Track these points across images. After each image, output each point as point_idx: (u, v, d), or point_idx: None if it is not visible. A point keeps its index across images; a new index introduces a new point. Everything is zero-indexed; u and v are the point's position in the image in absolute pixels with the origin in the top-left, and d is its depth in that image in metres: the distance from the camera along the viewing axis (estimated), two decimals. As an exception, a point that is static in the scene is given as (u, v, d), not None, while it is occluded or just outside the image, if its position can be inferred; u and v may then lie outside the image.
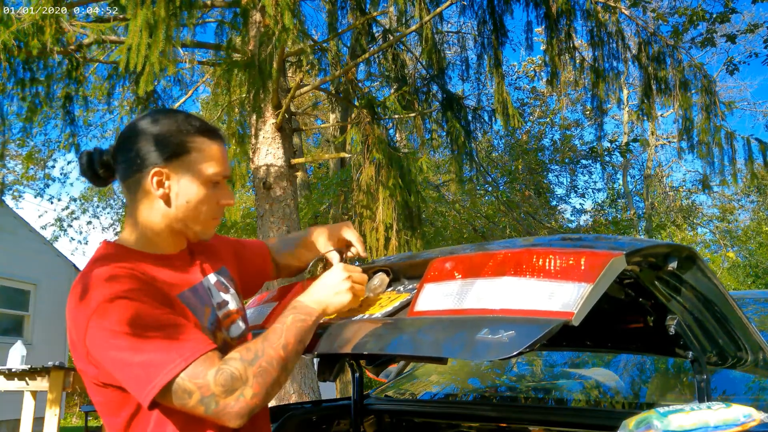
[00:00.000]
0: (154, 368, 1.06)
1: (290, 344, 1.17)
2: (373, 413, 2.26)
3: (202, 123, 1.28)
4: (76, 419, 15.31)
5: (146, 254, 1.25)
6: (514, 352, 0.97)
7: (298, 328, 1.20)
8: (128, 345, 1.07)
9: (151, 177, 1.21)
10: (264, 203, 5.99)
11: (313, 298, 1.27)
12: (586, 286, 1.03)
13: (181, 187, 1.23)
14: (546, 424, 1.88)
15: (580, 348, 1.80)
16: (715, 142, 7.20)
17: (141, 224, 1.25)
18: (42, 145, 10.83)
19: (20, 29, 4.67)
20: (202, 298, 1.27)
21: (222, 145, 1.28)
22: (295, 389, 5.67)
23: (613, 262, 1.07)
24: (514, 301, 1.08)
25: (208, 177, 1.24)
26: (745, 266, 20.39)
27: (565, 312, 1.01)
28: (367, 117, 6.39)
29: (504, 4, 7.11)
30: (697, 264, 1.27)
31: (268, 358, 1.13)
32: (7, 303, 10.08)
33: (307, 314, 1.23)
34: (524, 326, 1.01)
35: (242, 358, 1.12)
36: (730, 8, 7.07)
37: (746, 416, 1.09)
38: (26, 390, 4.98)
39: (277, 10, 4.40)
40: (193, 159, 1.23)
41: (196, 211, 1.25)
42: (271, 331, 1.19)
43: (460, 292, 1.17)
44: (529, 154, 13.30)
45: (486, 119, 7.97)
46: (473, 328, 1.06)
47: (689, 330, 1.41)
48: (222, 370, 1.09)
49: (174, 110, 1.30)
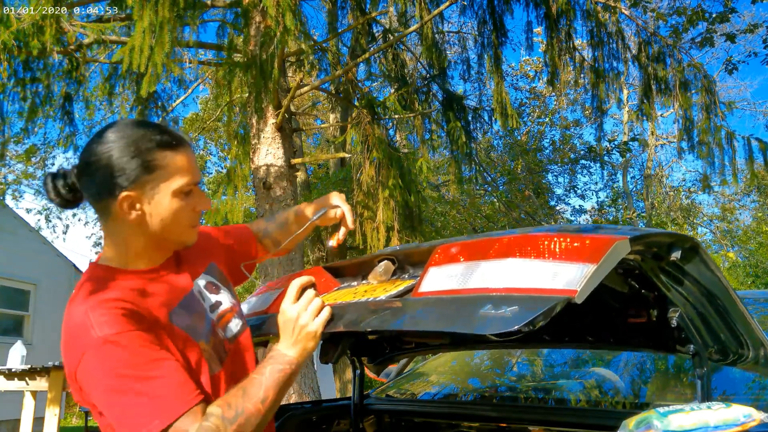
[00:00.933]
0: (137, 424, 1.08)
1: (269, 398, 1.17)
2: (373, 413, 2.26)
3: (163, 136, 1.22)
4: (76, 419, 15.32)
5: (133, 272, 1.23)
6: (515, 327, 0.98)
7: (275, 380, 1.19)
8: (112, 398, 1.09)
9: (120, 203, 1.18)
10: (264, 203, 5.99)
11: (285, 344, 1.24)
12: (590, 266, 1.04)
13: (153, 206, 1.20)
14: (546, 424, 1.88)
15: (582, 344, 1.80)
16: (715, 142, 7.21)
17: (121, 244, 1.24)
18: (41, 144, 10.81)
19: (20, 29, 4.67)
20: (194, 310, 1.26)
21: (187, 153, 1.24)
22: (295, 389, 5.67)
23: (617, 245, 1.08)
24: (517, 281, 1.08)
25: (178, 189, 1.21)
26: (745, 266, 20.38)
27: (568, 290, 1.02)
28: (367, 117, 6.39)
29: (504, 4, 7.11)
30: (700, 255, 1.27)
31: (248, 415, 1.13)
32: (7, 303, 10.08)
33: (284, 363, 1.21)
34: (527, 302, 1.02)
35: (223, 416, 1.11)
36: (730, 8, 7.07)
37: (746, 416, 1.09)
38: (26, 390, 4.98)
39: (279, 10, 4.41)
40: (160, 176, 1.20)
41: (173, 225, 1.23)
42: (250, 383, 1.18)
43: (464, 274, 1.17)
44: (528, 154, 13.30)
45: (486, 119, 7.97)
46: (476, 305, 1.07)
47: (691, 323, 1.41)
48: (203, 427, 1.09)
49: (134, 125, 1.24)
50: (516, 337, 1.56)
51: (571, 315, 1.67)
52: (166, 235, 1.24)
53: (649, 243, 1.23)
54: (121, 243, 1.24)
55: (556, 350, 2.62)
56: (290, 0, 4.42)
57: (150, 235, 1.23)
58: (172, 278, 1.28)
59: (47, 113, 6.07)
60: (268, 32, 4.76)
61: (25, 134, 6.23)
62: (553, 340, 1.80)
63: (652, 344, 1.58)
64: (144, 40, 4.19)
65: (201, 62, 7.82)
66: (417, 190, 6.73)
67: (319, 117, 13.78)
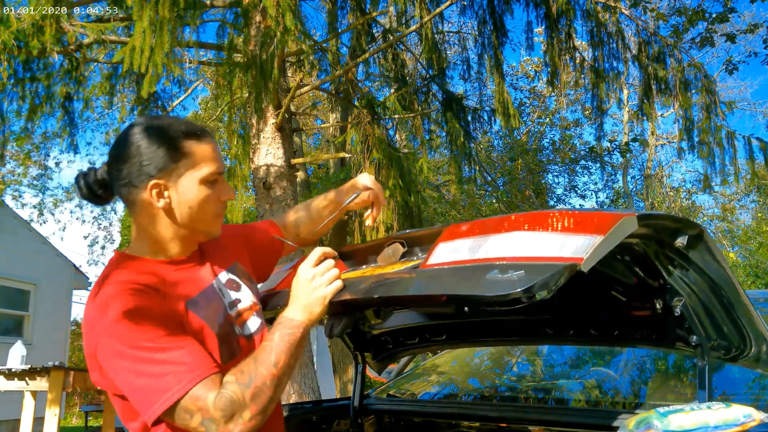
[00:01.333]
0: (155, 393, 1.10)
1: (281, 361, 1.18)
2: (373, 413, 2.26)
3: (188, 126, 1.28)
4: (76, 419, 15.31)
5: (157, 262, 1.27)
6: (519, 289, 0.99)
7: (286, 343, 1.20)
8: (132, 367, 1.12)
9: (150, 190, 1.23)
10: (264, 203, 5.99)
11: (294, 307, 1.26)
12: (597, 237, 1.06)
13: (180, 193, 1.24)
14: (546, 424, 1.88)
15: (585, 338, 1.79)
16: (716, 142, 7.20)
17: (149, 235, 1.28)
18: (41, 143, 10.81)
19: (20, 29, 4.67)
20: (212, 302, 1.29)
21: (212, 143, 1.29)
22: (295, 389, 5.67)
23: (625, 220, 1.10)
24: (525, 250, 1.10)
25: (205, 178, 1.26)
26: (745, 266, 20.38)
27: (575, 258, 1.04)
28: (367, 117, 6.39)
29: (504, 4, 7.11)
30: (706, 244, 1.27)
31: (262, 379, 1.15)
32: (7, 303, 10.07)
33: (293, 327, 1.23)
34: (534, 268, 1.04)
35: (238, 382, 1.14)
36: (730, 8, 7.07)
37: (746, 416, 1.09)
38: (26, 390, 4.97)
39: (279, 11, 4.40)
40: (187, 164, 1.24)
41: (200, 213, 1.27)
42: (261, 350, 1.20)
43: (472, 247, 1.19)
44: (528, 154, 13.30)
45: (486, 119, 7.97)
46: (483, 271, 1.09)
47: (694, 314, 1.41)
48: (221, 394, 1.11)
49: (159, 118, 1.31)
50: (521, 306, 1.57)
51: (575, 307, 1.67)
52: (193, 224, 1.28)
53: (656, 225, 1.23)
54: (149, 233, 1.28)
55: (556, 350, 2.61)
56: (290, 0, 4.41)
57: (178, 225, 1.27)
58: (195, 271, 1.32)
59: (47, 113, 6.07)
60: (268, 32, 4.76)
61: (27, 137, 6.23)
62: (556, 334, 1.80)
63: (655, 337, 1.57)
64: (144, 40, 4.18)
65: (201, 62, 7.81)
66: (417, 190, 6.72)
67: (319, 117, 13.77)
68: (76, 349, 16.29)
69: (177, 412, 1.11)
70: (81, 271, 12.27)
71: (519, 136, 13.89)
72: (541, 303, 1.71)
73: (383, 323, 2.01)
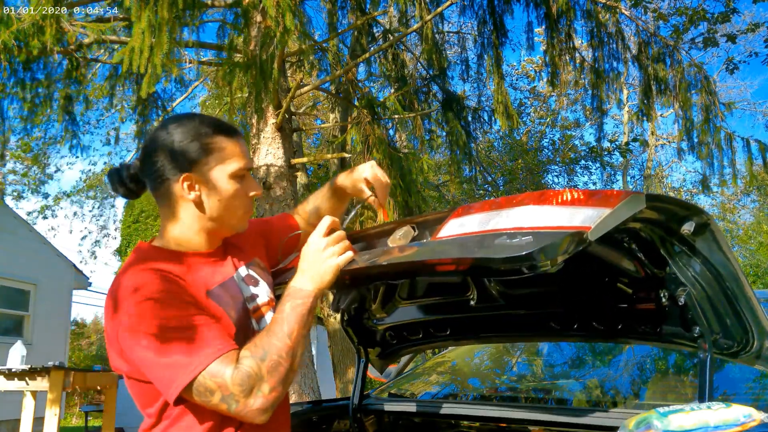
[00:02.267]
0: (177, 369, 1.13)
1: (294, 331, 1.20)
2: (373, 413, 2.26)
3: (217, 123, 1.33)
4: (76, 419, 15.32)
5: (181, 253, 1.31)
6: (524, 252, 1.01)
7: (298, 314, 1.22)
8: (154, 346, 1.14)
9: (182, 183, 1.27)
10: (264, 203, 6.00)
11: (304, 277, 1.28)
12: (605, 210, 1.08)
13: (210, 187, 1.29)
14: (546, 424, 1.88)
15: (589, 333, 1.78)
16: (715, 143, 7.21)
17: (178, 228, 1.32)
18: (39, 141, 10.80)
19: (20, 29, 4.67)
20: (232, 293, 1.32)
21: (240, 140, 1.34)
22: (295, 389, 5.67)
23: (633, 197, 1.12)
24: (534, 221, 1.12)
25: (234, 173, 1.30)
26: (745, 266, 20.39)
27: (582, 226, 1.06)
28: (367, 117, 6.39)
29: (504, 4, 7.11)
30: (712, 233, 1.27)
31: (278, 351, 1.17)
32: (7, 303, 10.06)
33: (304, 297, 1.25)
34: (542, 234, 1.06)
35: (253, 356, 1.16)
36: (731, 8, 7.06)
37: (746, 416, 1.09)
38: (26, 390, 4.97)
39: (279, 11, 4.40)
40: (217, 158, 1.29)
41: (229, 207, 1.31)
42: (273, 322, 1.22)
43: (482, 221, 1.21)
44: (528, 154, 13.30)
45: (486, 119, 7.97)
46: (493, 237, 1.11)
47: (698, 304, 1.40)
48: (238, 369, 1.14)
49: (188, 115, 1.35)
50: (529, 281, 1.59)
51: (580, 299, 1.67)
52: (222, 217, 1.31)
53: (664, 209, 1.24)
54: (177, 225, 1.32)
55: (556, 350, 2.61)
56: (290, 0, 4.41)
57: (206, 219, 1.31)
58: (218, 263, 1.35)
59: (47, 113, 6.07)
60: (268, 32, 4.76)
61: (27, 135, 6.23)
62: (561, 328, 1.79)
63: (658, 330, 1.57)
64: (143, 41, 4.18)
65: (200, 62, 7.81)
66: (417, 190, 6.72)
67: (319, 117, 13.77)
68: (76, 349, 16.30)
69: (197, 389, 1.13)
70: (81, 271, 12.27)
71: (519, 136, 13.89)
72: (547, 293, 1.72)
73: (387, 317, 2.02)
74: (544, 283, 1.68)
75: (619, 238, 1.35)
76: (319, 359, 14.26)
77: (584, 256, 1.27)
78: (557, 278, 1.49)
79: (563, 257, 1.05)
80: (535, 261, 1.02)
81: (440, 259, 1.21)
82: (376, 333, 2.15)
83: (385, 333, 2.15)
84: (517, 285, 1.72)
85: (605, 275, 1.54)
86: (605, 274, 1.53)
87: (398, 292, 1.84)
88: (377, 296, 1.85)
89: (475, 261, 1.14)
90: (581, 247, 1.07)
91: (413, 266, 1.30)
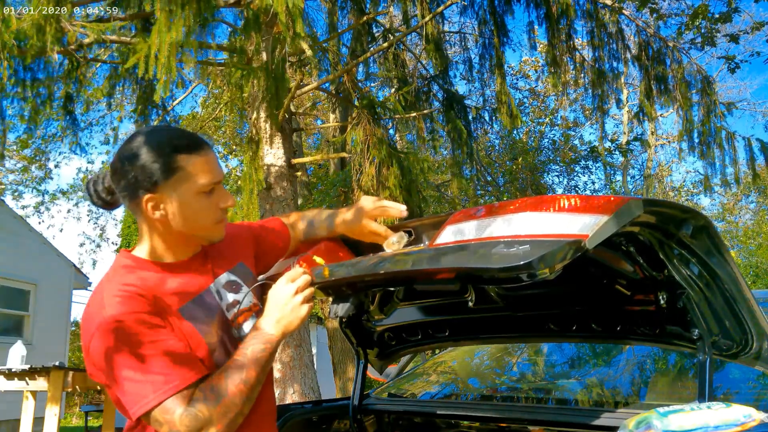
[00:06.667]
0: (135, 398, 1.18)
1: (252, 378, 1.23)
2: (373, 413, 2.26)
3: (182, 140, 1.30)
4: (76, 419, 15.32)
5: (158, 264, 1.32)
6: (521, 262, 1.01)
7: (258, 359, 1.25)
8: (115, 373, 1.18)
9: (145, 204, 1.27)
10: (264, 203, 6.00)
11: (271, 321, 1.29)
12: (603, 217, 1.08)
13: (175, 206, 1.27)
14: (546, 424, 1.88)
15: (587, 335, 1.78)
16: (716, 143, 7.21)
17: (152, 240, 1.32)
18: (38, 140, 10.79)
19: (21, 29, 4.67)
20: (208, 306, 1.32)
21: (208, 154, 1.31)
22: (295, 389, 5.67)
23: (631, 203, 1.12)
24: (531, 229, 1.12)
25: (199, 189, 1.28)
26: (745, 266, 20.37)
27: (579, 234, 1.06)
28: (367, 117, 6.39)
29: (505, 4, 7.11)
30: (711, 236, 1.27)
31: (232, 396, 1.20)
32: (7, 303, 10.06)
33: (266, 342, 1.26)
34: (539, 243, 1.06)
35: (206, 399, 1.19)
36: (733, 7, 7.03)
37: (746, 416, 1.09)
38: (26, 390, 4.97)
39: (288, 16, 4.40)
40: (181, 178, 1.27)
41: (197, 223, 1.30)
42: (232, 365, 1.24)
43: (479, 227, 1.21)
44: (528, 154, 13.29)
45: (486, 119, 7.97)
46: (490, 246, 1.11)
47: (697, 307, 1.40)
48: (188, 411, 1.17)
49: (156, 131, 1.33)
50: (527, 293, 1.55)
51: (579, 301, 1.67)
52: (192, 232, 1.32)
53: (662, 213, 1.24)
54: (150, 239, 1.32)
55: (556, 350, 2.61)
56: (299, 6, 4.41)
57: (176, 233, 1.31)
58: (194, 274, 1.35)
59: (48, 113, 6.07)
60: (277, 37, 4.77)
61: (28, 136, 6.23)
62: (560, 329, 1.79)
63: (657, 332, 1.57)
64: (170, 51, 4.17)
65: (200, 62, 7.79)
66: (417, 190, 6.71)
67: (319, 117, 13.77)
68: (76, 349, 16.29)
69: (152, 418, 1.18)
70: (81, 271, 12.27)
71: (519, 136, 13.87)
72: (546, 294, 1.72)
73: (386, 318, 2.01)
74: (542, 284, 1.67)
75: (618, 241, 1.34)
76: (319, 359, 14.25)
77: (583, 259, 1.27)
78: (556, 280, 1.49)
79: (561, 265, 1.05)
80: (533, 270, 1.02)
81: (437, 268, 1.21)
82: (375, 334, 2.15)
83: (384, 334, 2.14)
84: (515, 287, 1.71)
85: (604, 277, 1.54)
86: (604, 276, 1.53)
87: (396, 295, 1.84)
88: (375, 299, 1.85)
89: (473, 271, 1.15)
90: (579, 254, 1.07)
91: (410, 275, 1.30)
